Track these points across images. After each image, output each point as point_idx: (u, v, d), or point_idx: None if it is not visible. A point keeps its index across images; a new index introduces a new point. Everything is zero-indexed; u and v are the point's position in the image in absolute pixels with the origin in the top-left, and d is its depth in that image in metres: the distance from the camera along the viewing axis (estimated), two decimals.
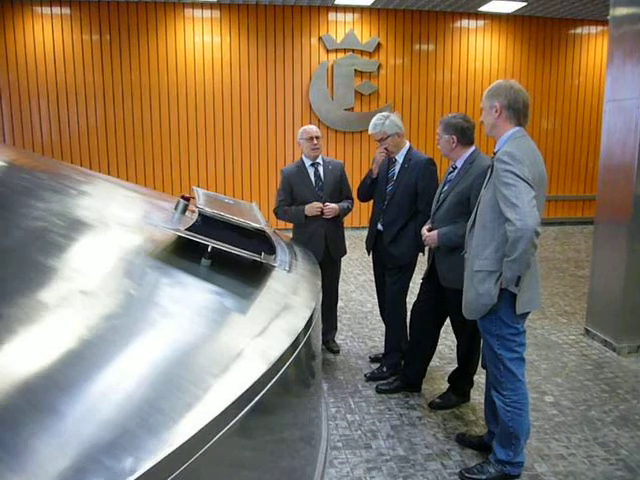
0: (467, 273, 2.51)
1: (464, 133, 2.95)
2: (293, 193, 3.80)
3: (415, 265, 3.66)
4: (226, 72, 8.46)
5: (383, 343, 4.17)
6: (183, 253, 2.18)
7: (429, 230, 3.07)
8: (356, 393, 3.46)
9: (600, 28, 9.35)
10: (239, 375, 1.27)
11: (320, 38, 8.51)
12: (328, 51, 8.56)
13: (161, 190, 8.37)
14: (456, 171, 3.01)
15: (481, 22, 9.01)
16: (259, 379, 1.29)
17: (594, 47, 9.38)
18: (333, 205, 3.72)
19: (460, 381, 3.29)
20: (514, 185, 2.23)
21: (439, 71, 9.01)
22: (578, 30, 9.33)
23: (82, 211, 2.20)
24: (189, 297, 1.71)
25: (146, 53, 8.21)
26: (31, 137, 8.20)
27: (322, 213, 3.70)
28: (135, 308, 1.44)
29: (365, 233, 3.90)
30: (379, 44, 8.68)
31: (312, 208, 3.70)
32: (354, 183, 3.97)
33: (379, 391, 3.45)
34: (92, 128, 8.29)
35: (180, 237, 2.14)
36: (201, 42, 8.33)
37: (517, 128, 2.43)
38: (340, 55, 8.60)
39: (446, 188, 3.04)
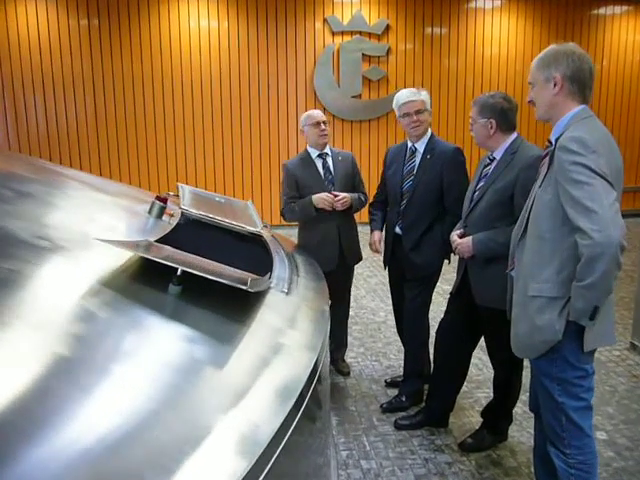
0: (517, 298, 1.94)
1: (505, 116, 2.37)
2: (299, 189, 3.23)
3: (439, 275, 3.10)
4: (224, 59, 7.87)
5: (400, 363, 3.62)
6: (148, 278, 1.66)
7: (461, 236, 2.51)
8: (371, 429, 2.89)
9: (625, 8, 8.70)
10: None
11: (325, 20, 7.90)
12: (334, 33, 7.94)
13: (155, 186, 7.82)
14: (494, 163, 2.44)
15: (497, 2, 8.37)
16: None
17: (619, 28, 8.73)
18: (344, 195, 3.13)
19: (497, 417, 2.73)
20: (588, 183, 1.66)
21: (452, 56, 8.38)
22: (602, 10, 8.67)
23: (12, 222, 1.66)
24: (145, 348, 1.25)
25: (138, 39, 7.63)
26: (16, 130, 7.64)
27: (333, 208, 3.14)
28: (59, 376, 0.97)
29: None
30: (388, 26, 8.06)
31: (321, 198, 3.10)
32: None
33: (398, 427, 2.89)
34: (81, 120, 7.72)
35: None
36: (197, 27, 7.73)
37: (582, 106, 1.85)
38: (347, 38, 7.99)
39: (482, 184, 2.46)
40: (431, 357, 3.12)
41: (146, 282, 1.63)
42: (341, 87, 8.05)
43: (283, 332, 1.65)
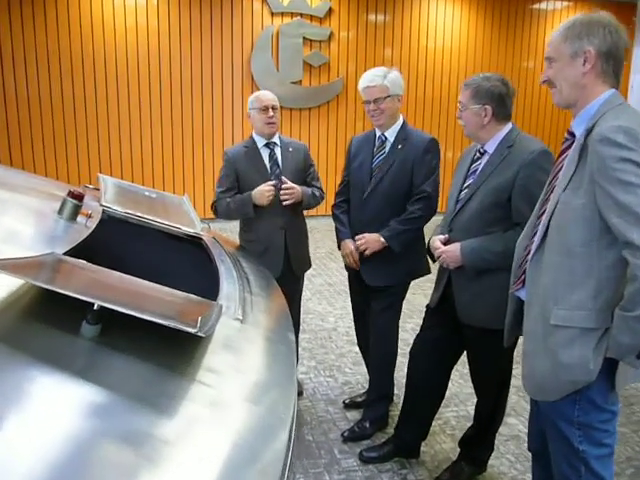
0: (532, 327, 1.57)
1: (502, 103, 2.02)
2: (240, 183, 2.76)
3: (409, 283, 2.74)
4: (153, 40, 7.15)
5: (357, 378, 3.27)
6: (51, 313, 1.23)
7: (445, 242, 2.13)
8: (333, 464, 2.49)
9: (565, 3, 8.71)
10: None
11: None
12: (273, 14, 7.42)
13: (75, 177, 7.06)
14: (486, 158, 2.08)
15: None
16: None
17: (559, 23, 8.71)
18: (293, 186, 2.67)
19: (478, 448, 2.40)
20: None
21: (396, 44, 8.05)
22: (543, 5, 8.63)
23: None
24: (23, 432, 0.84)
25: (54, 12, 6.76)
26: None
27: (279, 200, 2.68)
28: None
29: (321, 222, 2.91)
30: (331, 9, 7.63)
31: (262, 192, 2.63)
32: None
33: (365, 460, 2.50)
34: None
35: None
36: (122, 4, 6.98)
37: (613, 90, 1.51)
38: (287, 19, 7.49)
39: (471, 182, 2.09)
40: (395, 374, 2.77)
41: (48, 320, 1.17)
42: (280, 72, 7.55)
43: (243, 386, 1.22)
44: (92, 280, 1.38)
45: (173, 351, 1.21)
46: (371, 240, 2.50)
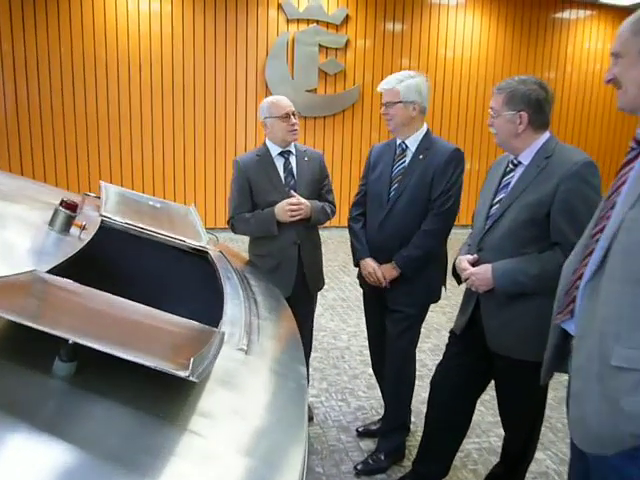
0: (585, 365, 1.35)
1: (540, 109, 1.81)
2: (253, 195, 2.57)
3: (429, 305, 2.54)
4: (166, 46, 7.03)
5: (371, 403, 3.06)
6: (22, 342, 1.11)
7: (474, 263, 1.93)
8: None
9: (588, 12, 8.48)
10: None
11: (279, 6, 7.22)
12: (288, 21, 7.27)
13: (85, 184, 6.93)
14: (520, 170, 1.87)
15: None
16: None
17: (582, 33, 8.49)
18: (301, 201, 2.48)
19: None
20: None
21: (414, 53, 7.87)
22: (566, 14, 8.40)
23: None
24: None
25: (67, 19, 6.68)
26: None
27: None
28: None
29: (334, 234, 2.71)
30: (347, 16, 7.47)
31: (284, 210, 2.47)
32: None
33: None
34: None
35: None
36: (136, 10, 6.87)
37: None
38: (302, 26, 7.34)
39: (503, 197, 1.89)
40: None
41: (15, 355, 1.01)
42: (295, 80, 7.39)
43: (242, 436, 1.03)
44: (73, 306, 1.20)
45: (161, 392, 1.03)
46: (386, 271, 2.37)
